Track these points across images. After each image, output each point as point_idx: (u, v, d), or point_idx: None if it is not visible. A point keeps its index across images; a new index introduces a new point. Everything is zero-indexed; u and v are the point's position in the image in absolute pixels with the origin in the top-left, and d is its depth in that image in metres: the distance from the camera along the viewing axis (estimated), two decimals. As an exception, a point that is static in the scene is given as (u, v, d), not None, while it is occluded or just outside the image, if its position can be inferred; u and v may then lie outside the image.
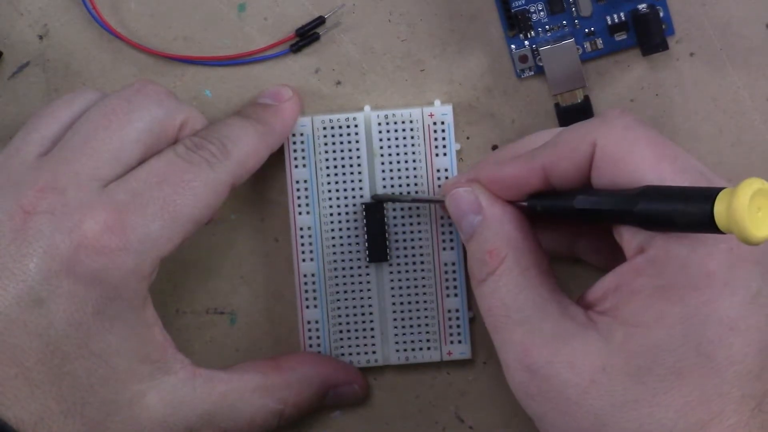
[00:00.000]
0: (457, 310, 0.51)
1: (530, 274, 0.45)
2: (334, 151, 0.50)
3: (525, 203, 0.46)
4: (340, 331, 0.51)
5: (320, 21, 0.51)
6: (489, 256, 0.45)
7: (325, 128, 0.50)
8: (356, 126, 0.50)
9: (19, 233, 0.43)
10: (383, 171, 0.50)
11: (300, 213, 0.51)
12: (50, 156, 0.45)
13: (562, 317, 0.44)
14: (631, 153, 0.43)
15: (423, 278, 0.51)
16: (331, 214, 0.50)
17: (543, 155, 0.45)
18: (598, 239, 0.49)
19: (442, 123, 0.50)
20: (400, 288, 0.51)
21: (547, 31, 0.51)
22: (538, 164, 0.45)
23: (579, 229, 0.50)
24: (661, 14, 0.50)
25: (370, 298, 0.51)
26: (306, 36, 0.51)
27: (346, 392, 0.51)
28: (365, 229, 0.50)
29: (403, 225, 0.50)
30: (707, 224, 0.37)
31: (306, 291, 0.51)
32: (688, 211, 0.38)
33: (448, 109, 0.50)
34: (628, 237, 0.43)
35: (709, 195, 0.37)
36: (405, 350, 0.51)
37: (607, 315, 0.43)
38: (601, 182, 0.43)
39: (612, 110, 0.44)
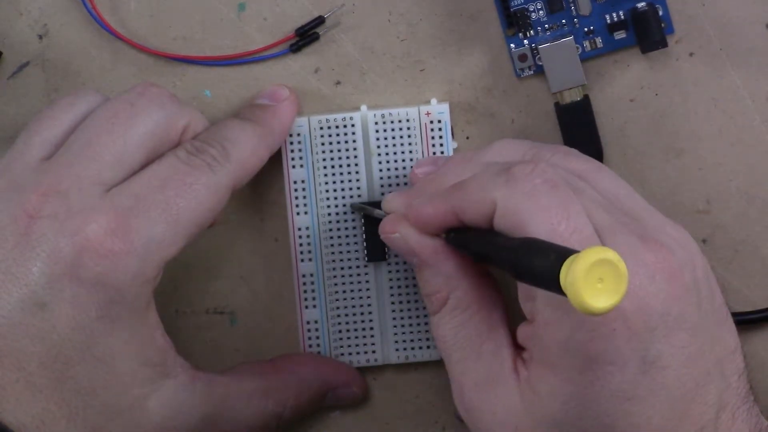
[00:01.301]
0: (455, 310, 0.51)
1: (472, 311, 0.45)
2: (331, 151, 0.50)
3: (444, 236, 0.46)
4: (340, 331, 0.51)
5: (320, 21, 0.51)
6: (431, 298, 0.46)
7: (321, 128, 0.50)
8: (353, 125, 0.50)
9: (22, 237, 0.43)
10: (381, 170, 0.50)
11: (298, 213, 0.51)
12: (53, 160, 0.44)
13: (494, 359, 0.44)
14: (526, 221, 0.41)
15: (422, 278, 0.51)
16: (329, 214, 0.50)
17: (453, 198, 0.44)
18: None
19: (439, 122, 0.50)
20: (399, 287, 0.51)
21: (547, 30, 0.51)
22: (449, 207, 0.44)
23: None
24: (660, 13, 0.50)
25: (369, 297, 0.51)
26: (306, 36, 0.51)
27: (345, 394, 0.51)
28: (363, 228, 0.50)
29: (402, 225, 0.50)
30: (556, 287, 0.35)
31: (305, 291, 0.51)
32: (542, 269, 0.36)
33: (445, 107, 0.50)
34: (522, 301, 0.43)
35: (562, 256, 0.35)
36: (404, 349, 0.51)
37: (526, 368, 0.43)
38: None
39: (523, 168, 0.43)
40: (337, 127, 0.50)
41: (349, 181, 0.50)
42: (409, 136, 0.50)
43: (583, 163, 0.46)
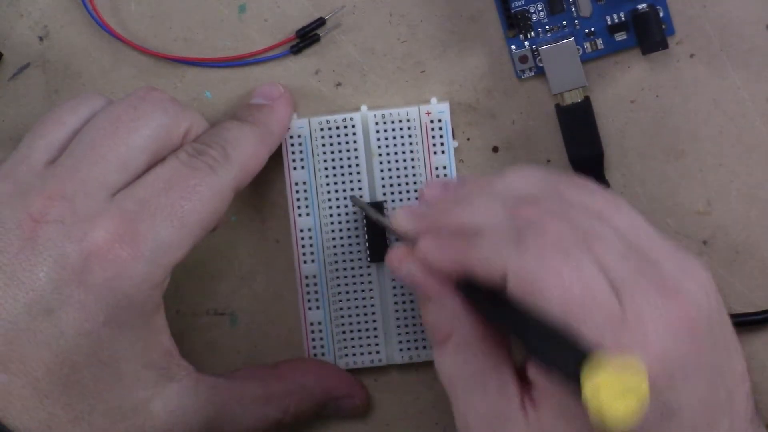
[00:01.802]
0: (457, 311, 0.51)
1: (476, 347, 0.44)
2: (332, 152, 0.50)
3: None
4: (343, 332, 0.51)
5: (320, 22, 0.51)
6: (433, 331, 0.44)
7: (322, 129, 0.50)
8: (353, 126, 0.50)
9: (28, 242, 0.42)
10: (382, 170, 0.50)
11: (300, 215, 0.51)
12: (57, 163, 0.44)
13: (500, 397, 0.43)
14: (539, 289, 0.40)
15: (423, 278, 0.51)
16: (331, 215, 0.51)
17: (462, 254, 0.43)
18: None
19: (440, 121, 0.50)
20: (402, 287, 0.51)
21: (547, 31, 0.51)
22: (458, 262, 0.43)
23: None
24: (661, 14, 0.50)
25: (372, 298, 0.51)
26: (306, 37, 0.51)
27: (347, 405, 0.51)
28: (365, 229, 0.50)
29: (403, 225, 0.50)
30: (574, 385, 0.36)
31: (308, 293, 0.51)
32: (559, 366, 0.37)
33: (445, 106, 0.50)
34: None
35: (579, 358, 0.36)
36: (408, 349, 0.51)
37: (535, 408, 0.42)
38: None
39: (535, 230, 0.41)
40: (337, 128, 0.50)
41: (351, 181, 0.50)
42: (409, 136, 0.50)
43: (600, 199, 0.44)
